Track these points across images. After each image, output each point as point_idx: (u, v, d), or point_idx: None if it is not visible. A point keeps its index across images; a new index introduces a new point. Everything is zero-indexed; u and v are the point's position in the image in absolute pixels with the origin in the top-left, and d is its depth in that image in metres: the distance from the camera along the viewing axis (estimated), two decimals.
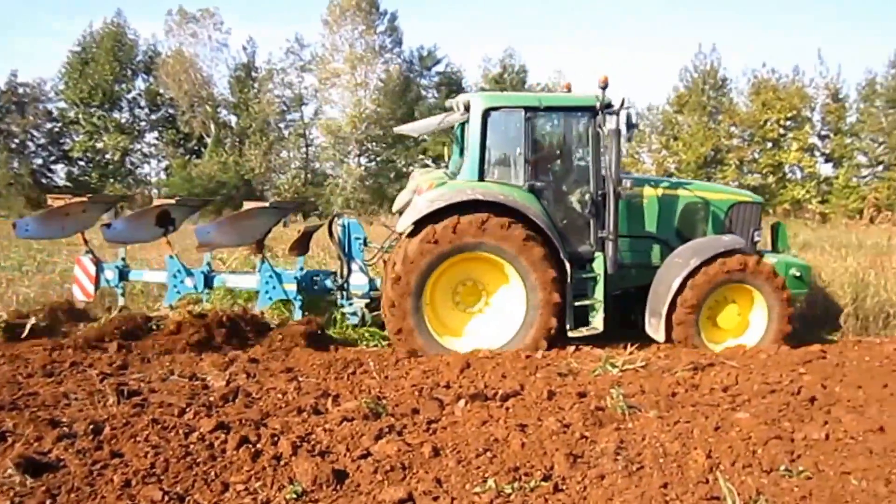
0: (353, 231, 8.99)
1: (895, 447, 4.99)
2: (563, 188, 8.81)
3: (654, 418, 5.52)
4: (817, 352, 7.71)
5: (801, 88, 42.52)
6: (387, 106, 43.47)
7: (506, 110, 8.46)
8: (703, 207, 9.28)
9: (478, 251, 8.02)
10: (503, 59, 44.83)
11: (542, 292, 8.03)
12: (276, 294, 8.74)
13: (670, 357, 7.50)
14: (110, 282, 9.01)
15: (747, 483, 4.46)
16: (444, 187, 8.21)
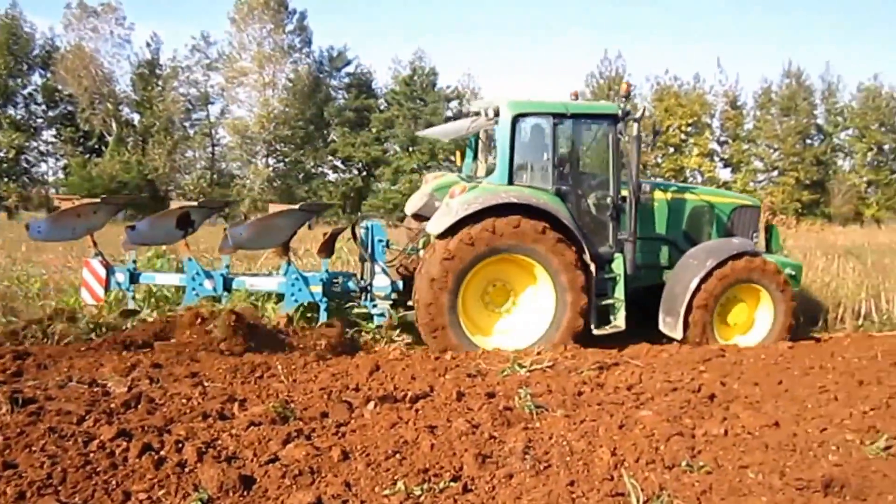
0: (377, 234, 9.02)
1: (789, 441, 5.21)
2: (586, 192, 9.15)
3: (560, 417, 5.61)
4: (716, 350, 8.00)
5: (702, 95, 44.20)
6: (295, 106, 43.00)
7: (534, 117, 8.84)
8: (709, 211, 9.76)
9: (512, 253, 8.29)
10: (413, 62, 44.92)
11: (572, 293, 8.31)
12: (302, 296, 8.72)
13: (577, 357, 7.63)
14: (121, 284, 8.86)
15: (650, 479, 4.57)
16: (476, 191, 8.33)
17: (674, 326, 8.71)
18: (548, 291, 8.42)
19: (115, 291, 8.94)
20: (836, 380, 6.84)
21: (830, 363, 7.58)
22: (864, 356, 7.81)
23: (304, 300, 8.77)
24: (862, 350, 8.09)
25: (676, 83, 44.95)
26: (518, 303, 8.71)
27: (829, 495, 4.35)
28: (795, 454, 5.02)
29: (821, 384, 6.67)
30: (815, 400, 6.24)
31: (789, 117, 44.13)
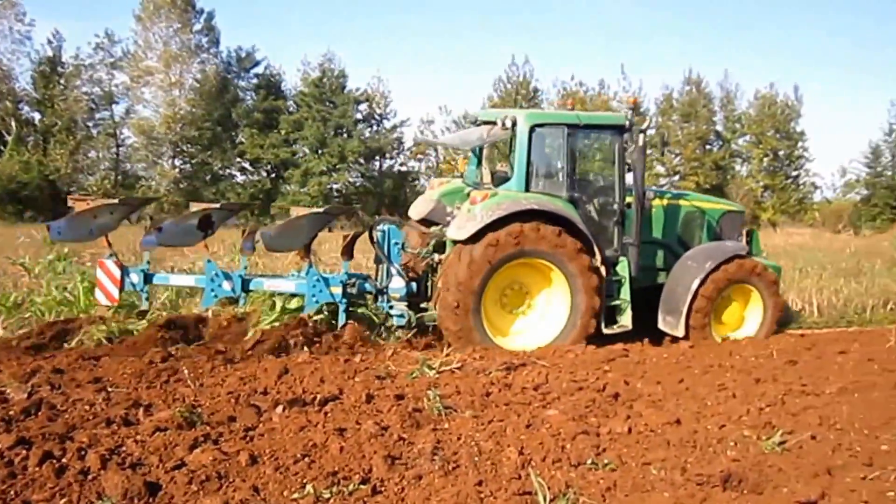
0: (393, 236, 9.27)
1: (690, 438, 5.37)
2: (595, 199, 9.51)
3: (469, 418, 5.63)
4: (620, 350, 8.18)
5: (606, 101, 45.13)
6: (202, 107, 41.95)
7: (549, 127, 9.18)
8: (700, 216, 10.35)
9: (533, 257, 8.66)
10: (322, 63, 44.47)
11: (587, 295, 8.72)
12: (323, 297, 8.75)
13: (485, 358, 7.67)
14: (136, 285, 8.80)
15: (557, 477, 4.63)
16: (498, 198, 8.65)
17: (675, 325, 9.25)
18: (563, 293, 8.82)
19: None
20: (734, 378, 7.08)
21: (729, 362, 7.84)
22: (760, 355, 8.12)
23: (325, 301, 8.81)
24: (758, 349, 8.39)
25: (582, 89, 45.88)
26: (533, 305, 9.11)
27: (728, 490, 4.48)
28: (696, 450, 5.17)
29: (720, 382, 6.90)
30: (714, 398, 6.44)
31: (690, 123, 45.55)
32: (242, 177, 44.82)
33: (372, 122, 46.01)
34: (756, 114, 46.26)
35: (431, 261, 9.30)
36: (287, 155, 42.90)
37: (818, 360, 7.88)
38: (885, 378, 6.81)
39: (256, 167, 44.54)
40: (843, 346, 8.45)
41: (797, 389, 6.56)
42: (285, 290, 9.07)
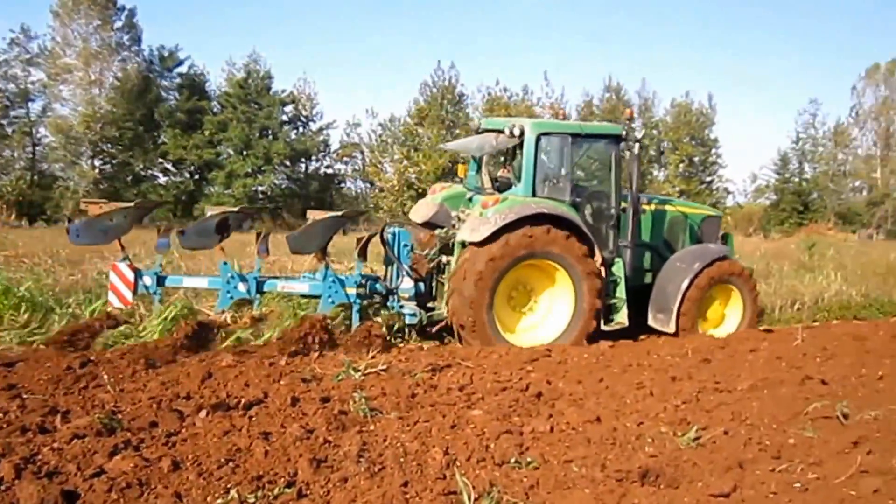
0: (403, 239, 9.63)
1: (610, 435, 5.52)
2: (594, 203, 9.99)
3: (394, 419, 5.66)
4: (543, 351, 8.32)
5: (530, 107, 45.71)
6: (123, 106, 40.74)
7: (554, 136, 9.72)
8: (684, 221, 11.02)
9: (542, 258, 9.21)
10: (248, 64, 43.78)
11: (589, 295, 9.30)
12: (339, 298, 9.09)
13: (410, 360, 7.70)
14: (149, 288, 8.89)
15: (481, 476, 4.70)
16: (508, 202, 9.16)
17: (666, 322, 9.89)
18: (567, 293, 9.38)
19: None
20: (651, 376, 7.28)
21: (647, 361, 8.05)
22: (676, 354, 8.35)
23: (340, 301, 9.10)
24: (675, 348, 8.63)
25: (506, 94, 46.37)
26: (538, 303, 9.66)
27: (646, 485, 4.62)
28: (615, 447, 5.32)
29: (638, 381, 7.09)
30: (632, 396, 6.62)
31: None
32: (165, 178, 43.73)
33: (298, 123, 45.54)
34: (672, 121, 47.64)
35: (439, 262, 9.77)
36: (211, 156, 42.05)
37: (730, 358, 8.15)
38: (792, 375, 7.11)
39: (179, 168, 43.53)
40: (754, 344, 8.75)
41: (711, 387, 6.79)
42: (298, 291, 9.42)
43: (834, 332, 9.91)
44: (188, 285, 9.45)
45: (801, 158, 50.65)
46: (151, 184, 42.40)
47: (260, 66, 43.89)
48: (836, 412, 5.64)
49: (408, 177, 44.01)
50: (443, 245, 9.77)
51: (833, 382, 6.81)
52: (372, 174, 45.73)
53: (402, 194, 43.12)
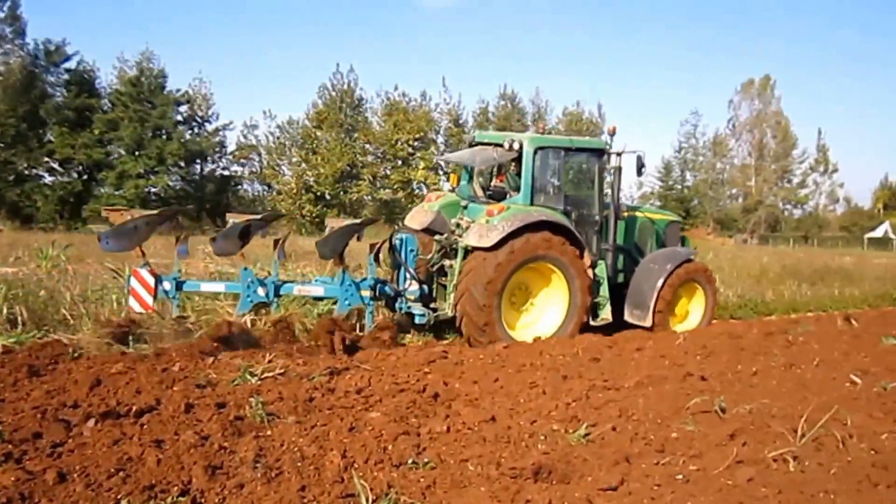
0: (409, 245, 10.19)
1: (505, 434, 5.66)
2: (581, 211, 10.85)
3: (292, 424, 5.62)
4: (440, 352, 8.41)
5: (428, 112, 46.08)
6: (6, 102, 38.66)
7: (548, 150, 10.51)
8: (651, 226, 12.01)
9: (543, 261, 10.00)
10: (140, 62, 42.32)
11: (581, 294, 10.21)
12: (354, 300, 9.60)
13: (308, 364, 7.64)
14: (168, 293, 9.06)
15: (379, 478, 4.75)
16: (512, 211, 9.91)
17: (643, 317, 10.80)
18: (562, 292, 10.24)
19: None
20: (544, 376, 7.46)
21: (540, 361, 8.23)
22: (567, 353, 8.58)
23: (356, 303, 9.60)
24: (566, 348, 8.86)
25: (405, 99, 46.57)
26: (535, 302, 10.48)
27: (539, 481, 4.77)
28: (510, 445, 5.46)
29: (531, 380, 7.26)
30: (526, 395, 6.79)
31: None
32: (51, 178, 41.71)
33: (193, 124, 44.38)
34: (564, 129, 49.01)
35: (441, 266, 10.45)
36: (101, 156, 40.45)
37: (618, 357, 8.47)
38: (674, 372, 7.46)
39: (67, 168, 41.65)
40: (640, 343, 9.13)
41: (600, 385, 7.04)
42: (314, 294, 9.89)
43: (712, 331, 10.45)
44: (206, 290, 9.81)
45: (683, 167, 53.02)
46: (36, 184, 40.40)
47: (153, 63, 42.61)
48: (714, 406, 5.97)
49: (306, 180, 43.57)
50: (444, 250, 10.41)
51: (712, 378, 7.19)
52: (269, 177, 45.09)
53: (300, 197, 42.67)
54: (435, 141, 46.84)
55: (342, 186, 43.78)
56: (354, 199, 44.62)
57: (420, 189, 46.14)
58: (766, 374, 7.43)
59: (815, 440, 5.06)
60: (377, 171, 45.38)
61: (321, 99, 45.71)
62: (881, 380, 6.85)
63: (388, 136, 44.70)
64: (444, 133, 47.27)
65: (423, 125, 45.27)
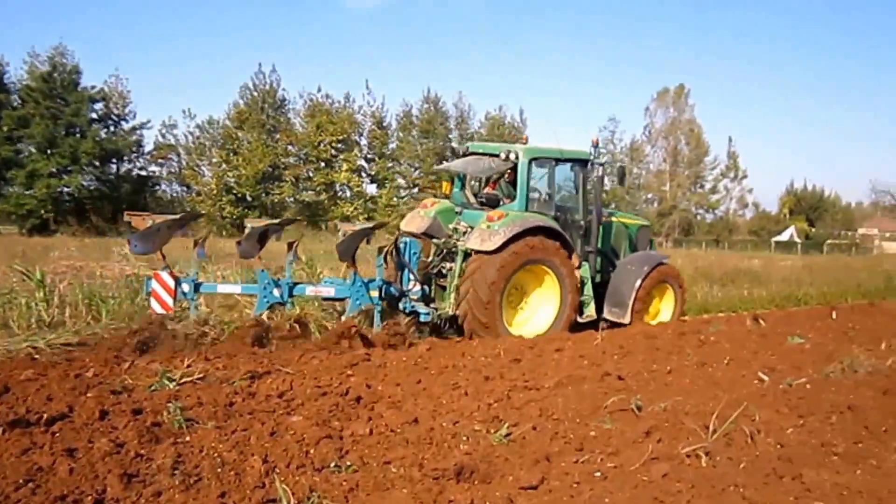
0: (413, 248, 10.69)
1: (427, 435, 5.68)
2: (568, 216, 11.75)
3: (212, 429, 5.52)
4: (363, 355, 8.38)
5: (352, 115, 45.91)
6: None
7: (541, 160, 11.38)
8: (625, 230, 12.94)
9: (539, 263, 10.82)
10: (53, 57, 40.81)
11: (571, 294, 11.10)
12: (364, 300, 10.04)
13: (228, 367, 7.50)
14: (187, 294, 9.36)
15: (301, 482, 4.71)
16: (510, 217, 10.63)
17: (622, 314, 11.64)
18: (553, 292, 11.07)
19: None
20: (466, 377, 7.53)
21: (462, 362, 8.31)
22: (489, 354, 8.68)
23: (365, 303, 10.04)
24: (488, 349, 8.97)
25: (328, 101, 46.26)
26: (529, 301, 11.26)
27: (461, 481, 4.82)
28: (432, 447, 5.49)
29: (453, 382, 7.32)
30: (448, 396, 6.83)
31: (428, 139, 47.63)
32: None
33: (109, 122, 43.06)
34: (487, 133, 49.49)
35: (440, 268, 11.13)
36: (10, 154, 38.81)
37: (539, 357, 8.60)
38: (593, 372, 7.63)
39: None
40: (559, 344, 9.29)
41: (521, 385, 7.15)
42: (326, 295, 10.27)
43: (629, 331, 10.71)
44: (222, 291, 10.11)
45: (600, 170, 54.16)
46: None
47: (67, 59, 41.16)
48: (631, 405, 6.13)
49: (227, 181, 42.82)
50: (442, 253, 11.10)
51: (628, 378, 7.38)
52: (189, 177, 44.14)
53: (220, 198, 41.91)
54: (358, 143, 46.69)
55: (264, 188, 43.21)
56: (276, 201, 44.08)
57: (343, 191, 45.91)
58: (680, 373, 7.67)
59: (725, 436, 5.25)
60: (300, 173, 44.94)
61: (242, 99, 45.10)
62: (786, 377, 7.15)
63: (311, 138, 44.35)
64: (368, 135, 47.11)
65: (347, 127, 45.07)
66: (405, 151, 47.61)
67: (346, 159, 45.16)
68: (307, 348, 8.63)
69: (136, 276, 11.64)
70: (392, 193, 46.93)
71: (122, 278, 11.52)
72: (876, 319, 12.58)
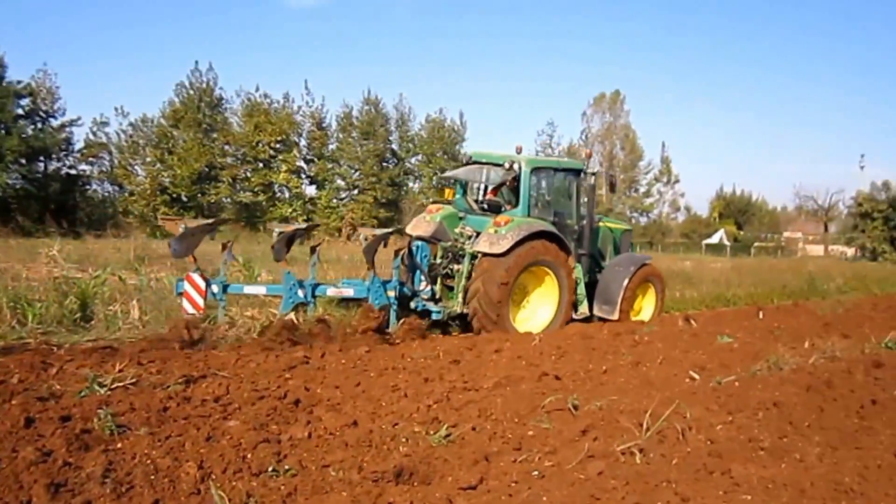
0: (423, 251, 11.67)
1: (367, 438, 5.67)
2: (564, 221, 12.69)
3: (145, 435, 5.37)
4: (301, 357, 8.30)
5: (291, 115, 45.42)
6: None
7: (541, 170, 12.61)
8: (610, 234, 13.98)
9: (541, 265, 11.74)
10: None
11: (568, 293, 12.09)
12: (382, 300, 10.74)
13: (162, 372, 7.34)
14: (216, 295, 10.02)
15: (238, 488, 4.65)
16: (516, 222, 11.53)
17: (611, 311, 12.59)
18: (553, 291, 11.99)
19: None
20: (406, 378, 7.54)
21: (401, 364, 8.31)
22: (428, 356, 8.71)
23: (383, 302, 10.69)
24: (427, 351, 9.01)
25: (267, 101, 45.70)
26: (530, 300, 12.19)
27: (401, 483, 4.83)
28: (372, 449, 5.49)
29: (393, 383, 7.31)
30: (388, 398, 6.83)
31: (368, 141, 47.45)
32: None
33: (36, 118, 41.64)
34: (427, 136, 49.58)
35: (449, 269, 12.02)
36: None
37: (478, 358, 8.67)
38: (530, 372, 7.72)
39: None
40: (498, 345, 9.37)
41: (460, 386, 7.19)
42: (346, 295, 11.02)
43: (566, 332, 10.89)
44: (248, 292, 10.76)
45: None
46: None
47: None
48: (568, 404, 6.22)
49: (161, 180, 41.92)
50: (449, 255, 12.04)
51: (565, 377, 7.50)
52: (121, 176, 43.05)
53: (154, 198, 41.01)
54: (297, 144, 46.20)
55: (200, 188, 42.41)
56: (213, 202, 43.34)
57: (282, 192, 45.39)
58: (615, 372, 7.81)
59: (658, 433, 5.35)
60: (237, 174, 44.25)
61: (178, 97, 44.15)
62: (716, 375, 7.33)
63: (249, 138, 43.72)
64: (307, 136, 46.68)
65: (286, 127, 44.55)
66: (345, 153, 47.31)
67: (284, 160, 44.64)
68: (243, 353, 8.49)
69: (64, 278, 11.31)
70: (332, 195, 46.61)
71: (50, 280, 11.16)
72: (799, 319, 13.00)
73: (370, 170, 46.62)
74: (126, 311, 10.24)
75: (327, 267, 14.61)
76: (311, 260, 11.03)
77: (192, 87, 44.31)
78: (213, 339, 9.29)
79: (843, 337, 10.13)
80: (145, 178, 42.40)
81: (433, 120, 50.06)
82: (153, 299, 10.87)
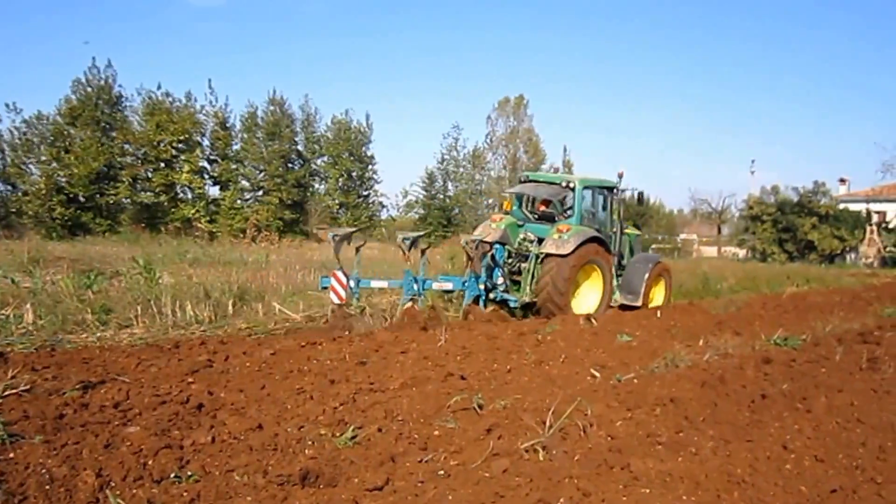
0: (500, 253, 14.26)
1: (272, 441, 5.62)
2: (602, 228, 15.61)
3: (39, 444, 5.17)
4: (204, 361, 8.15)
5: (194, 114, 44.29)
6: None
7: (589, 188, 15.52)
8: (629, 239, 16.97)
9: (591, 263, 14.73)
10: None
11: (610, 285, 15.16)
12: (475, 291, 13.63)
13: (58, 377, 7.08)
14: (353, 288, 12.08)
15: (138, 495, 4.55)
16: (575, 229, 14.51)
17: (636, 300, 15.49)
18: (599, 284, 15.04)
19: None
20: (311, 381, 7.47)
21: (307, 366, 8.20)
22: (335, 358, 8.62)
23: (475, 294, 13.60)
24: (333, 353, 8.95)
25: (168, 99, 44.46)
26: (581, 290, 15.05)
27: (307, 486, 4.83)
28: (277, 452, 5.44)
29: (299, 386, 7.25)
30: (293, 401, 6.77)
31: (274, 141, 46.71)
32: None
33: None
34: (333, 137, 49.24)
35: (517, 267, 14.77)
36: None
37: (384, 360, 8.66)
38: (437, 372, 7.80)
39: None
40: (405, 346, 9.40)
41: (366, 387, 7.20)
42: (447, 288, 13.72)
43: (471, 332, 10.99)
44: (375, 286, 13.09)
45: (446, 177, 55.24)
46: None
47: None
48: (473, 404, 6.34)
49: (57, 180, 40.22)
50: (514, 256, 14.84)
51: (471, 377, 7.61)
52: (14, 175, 41.07)
53: (50, 198, 39.33)
54: (200, 144, 45.07)
55: (98, 188, 40.88)
56: (112, 202, 41.87)
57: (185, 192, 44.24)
58: (519, 372, 7.98)
59: (561, 430, 5.52)
60: (137, 173, 42.85)
61: (75, 94, 42.41)
62: (616, 373, 7.60)
63: (150, 137, 42.39)
64: (211, 136, 45.62)
65: (188, 127, 43.41)
66: (250, 153, 46.43)
67: (187, 160, 43.46)
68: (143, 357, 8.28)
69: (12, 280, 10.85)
70: (236, 196, 45.68)
71: None
72: (695, 318, 13.55)
73: (275, 171, 45.92)
74: (19, 316, 9.82)
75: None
76: (422, 259, 13.09)
77: (90, 83, 42.69)
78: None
79: (735, 334, 10.63)
80: (40, 177, 40.59)
81: (339, 121, 49.70)
82: (48, 303, 10.46)
